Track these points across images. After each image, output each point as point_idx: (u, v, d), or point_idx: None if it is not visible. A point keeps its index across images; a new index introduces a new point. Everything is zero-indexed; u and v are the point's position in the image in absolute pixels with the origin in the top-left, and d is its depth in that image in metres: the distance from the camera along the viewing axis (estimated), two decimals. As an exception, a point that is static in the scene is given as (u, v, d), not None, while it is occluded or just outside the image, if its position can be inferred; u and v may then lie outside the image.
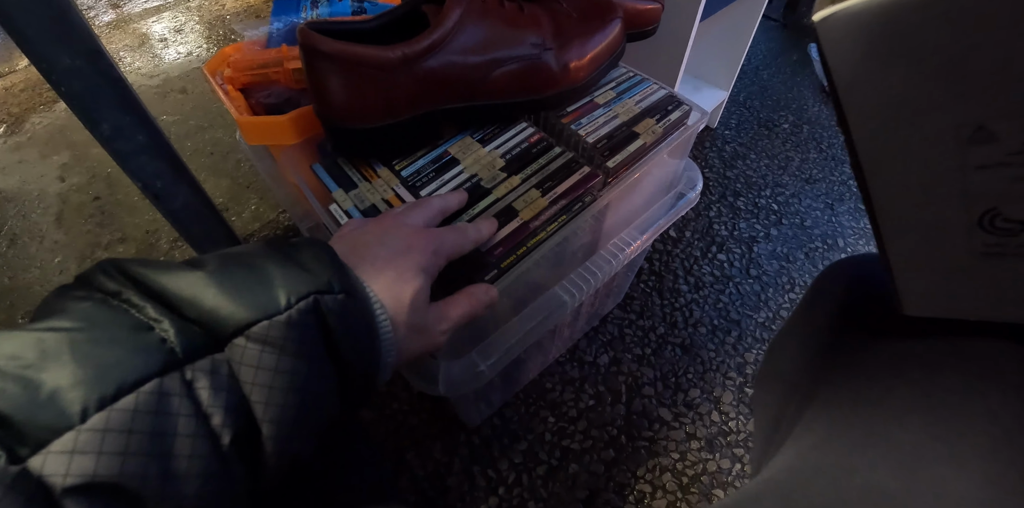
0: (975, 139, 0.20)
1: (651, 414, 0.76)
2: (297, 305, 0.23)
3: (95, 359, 0.18)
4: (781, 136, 1.18)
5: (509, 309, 0.46)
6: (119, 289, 0.21)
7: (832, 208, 1.03)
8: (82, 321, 0.20)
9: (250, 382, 0.21)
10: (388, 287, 0.28)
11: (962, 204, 0.22)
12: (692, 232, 0.99)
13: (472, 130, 0.46)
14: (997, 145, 0.20)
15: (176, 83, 1.44)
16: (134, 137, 0.49)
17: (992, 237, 0.23)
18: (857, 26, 0.19)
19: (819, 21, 0.20)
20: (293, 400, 0.22)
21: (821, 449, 0.28)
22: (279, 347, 0.22)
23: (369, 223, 0.33)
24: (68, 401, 0.17)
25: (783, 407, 0.36)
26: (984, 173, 0.21)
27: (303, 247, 0.27)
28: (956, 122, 0.20)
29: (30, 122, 1.37)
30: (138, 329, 0.20)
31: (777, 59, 1.40)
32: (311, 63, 0.38)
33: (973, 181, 0.21)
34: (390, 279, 0.29)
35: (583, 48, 0.45)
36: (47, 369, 0.18)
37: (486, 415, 0.75)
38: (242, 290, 0.22)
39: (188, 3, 1.83)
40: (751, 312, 0.87)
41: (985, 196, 0.22)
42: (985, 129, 0.20)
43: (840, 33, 0.20)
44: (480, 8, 0.40)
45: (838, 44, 0.20)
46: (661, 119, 0.47)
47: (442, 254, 0.33)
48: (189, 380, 0.20)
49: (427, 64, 0.39)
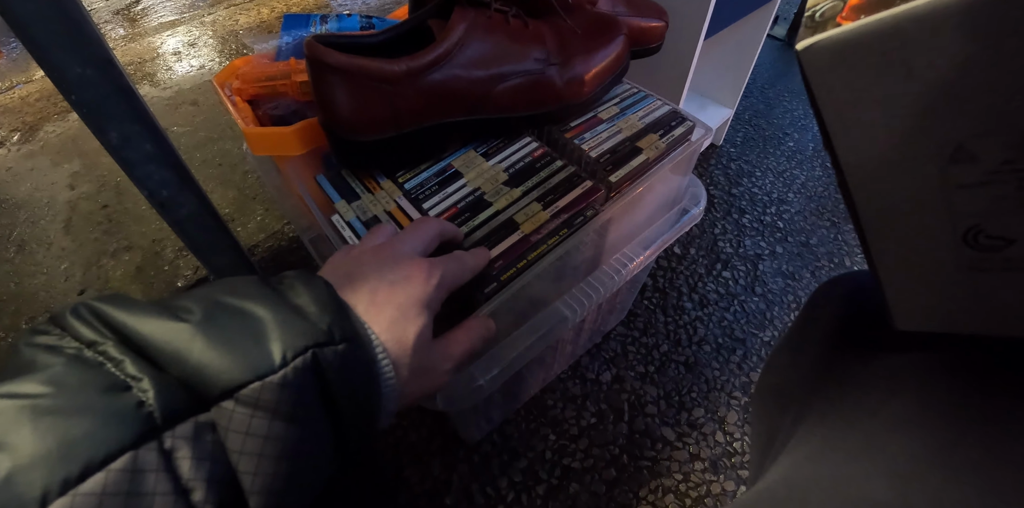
0: (955, 158, 0.21)
1: (654, 433, 0.74)
2: (293, 362, 0.21)
3: (60, 432, 0.16)
4: (786, 154, 1.18)
5: (510, 323, 0.46)
6: (95, 339, 0.19)
7: (838, 226, 1.02)
8: (49, 385, 0.17)
9: (238, 451, 0.19)
10: (390, 327, 0.26)
11: (947, 221, 0.23)
12: (697, 249, 0.98)
13: (476, 144, 0.46)
14: (977, 164, 0.21)
15: (188, 95, 1.47)
16: (142, 146, 0.49)
17: (977, 253, 0.23)
18: (838, 53, 0.20)
19: (802, 50, 0.21)
20: (285, 468, 0.20)
21: (816, 460, 0.27)
22: (271, 411, 0.20)
23: (365, 251, 0.31)
24: (26, 484, 0.15)
25: (779, 420, 0.36)
26: (966, 191, 0.22)
27: (299, 285, 0.24)
28: (938, 142, 0.21)
29: (43, 131, 1.39)
30: (112, 390, 0.18)
31: (782, 78, 1.40)
32: (317, 75, 0.38)
33: (956, 199, 0.22)
34: (391, 317, 0.27)
35: (587, 64, 0.45)
36: (4, 446, 0.15)
37: (486, 431, 0.74)
38: (232, 344, 0.20)
39: (203, 18, 1.87)
40: (756, 331, 0.86)
41: (968, 213, 0.22)
42: (964, 149, 0.20)
43: (822, 61, 0.21)
44: (485, 23, 0.41)
45: (821, 71, 0.21)
46: (664, 135, 0.47)
47: (444, 286, 0.31)
48: (168, 449, 0.18)
49: (431, 77, 0.39)
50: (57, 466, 0.16)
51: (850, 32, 0.20)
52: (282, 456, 0.20)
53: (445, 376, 0.31)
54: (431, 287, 0.29)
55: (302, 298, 0.24)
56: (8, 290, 1.00)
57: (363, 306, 0.26)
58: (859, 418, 0.28)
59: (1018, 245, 0.22)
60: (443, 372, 0.30)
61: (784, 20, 1.59)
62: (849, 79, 0.21)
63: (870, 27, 0.19)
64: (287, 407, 0.20)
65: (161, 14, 1.93)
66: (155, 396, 0.18)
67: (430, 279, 0.30)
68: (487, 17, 0.41)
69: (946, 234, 0.23)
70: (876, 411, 0.27)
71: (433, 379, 0.30)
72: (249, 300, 0.22)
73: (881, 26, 0.19)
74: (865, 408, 0.28)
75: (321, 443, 0.22)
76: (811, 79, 0.22)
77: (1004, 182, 0.21)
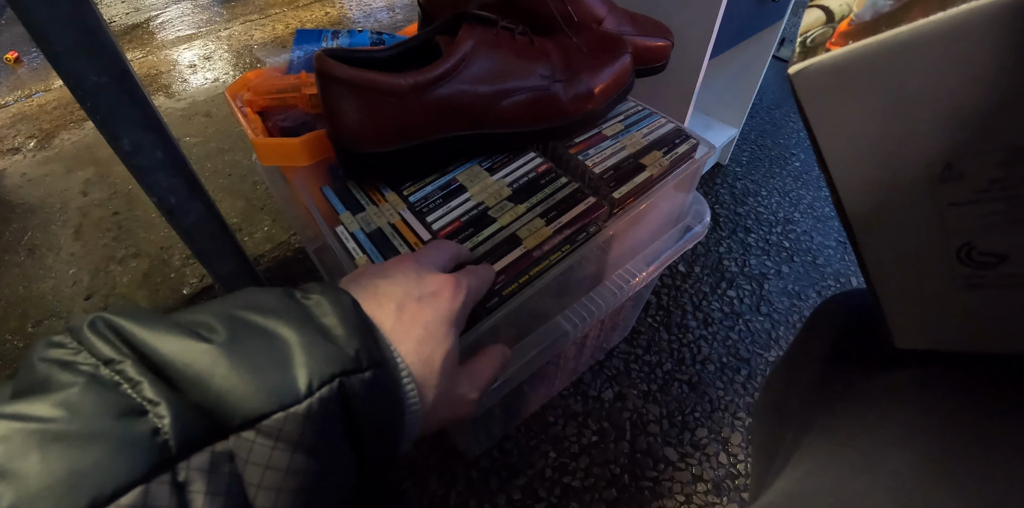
0: (944, 177, 0.21)
1: (656, 453, 0.73)
2: (319, 392, 0.20)
3: (69, 461, 0.15)
4: (792, 174, 1.18)
5: (511, 337, 0.46)
6: (113, 356, 0.18)
7: (845, 246, 1.01)
8: (62, 408, 0.16)
9: (256, 484, 0.18)
10: (417, 348, 0.25)
11: (941, 238, 0.23)
12: (702, 267, 0.98)
13: (481, 158, 0.47)
14: (965, 183, 0.21)
15: (201, 107, 1.50)
16: (153, 154, 0.50)
17: (971, 270, 0.23)
18: (828, 77, 0.21)
19: (794, 74, 0.21)
20: (303, 501, 0.19)
21: (819, 474, 0.27)
22: (293, 443, 0.19)
23: (388, 265, 0.30)
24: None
25: (780, 435, 0.36)
26: (957, 209, 0.22)
27: (325, 302, 0.23)
28: (927, 161, 0.21)
29: (59, 138, 1.42)
30: (128, 415, 0.17)
31: (789, 99, 1.41)
32: (326, 87, 0.39)
33: (948, 216, 0.22)
34: (418, 338, 0.26)
35: (592, 81, 0.45)
36: (7, 477, 0.14)
37: (486, 447, 0.73)
38: (256, 370, 0.19)
39: (219, 32, 1.91)
40: (761, 350, 0.85)
41: (960, 231, 0.23)
42: (953, 168, 0.21)
43: (813, 84, 0.22)
44: (492, 40, 0.41)
45: (812, 94, 0.22)
46: (668, 152, 0.47)
47: (469, 303, 0.30)
48: (182, 482, 0.17)
49: (438, 92, 0.40)
50: (64, 500, 0.15)
51: (838, 57, 0.20)
52: (302, 490, 0.19)
53: (471, 405, 0.29)
54: (459, 303, 0.28)
55: (328, 317, 0.23)
56: (16, 293, 1.01)
57: (389, 324, 0.25)
58: (861, 432, 0.28)
59: (1011, 262, 0.22)
60: (469, 401, 0.29)
61: (790, 42, 1.61)
62: (839, 101, 0.21)
63: (857, 52, 0.20)
64: (310, 439, 0.19)
65: (179, 28, 1.97)
66: (172, 423, 0.17)
67: (457, 295, 0.29)
68: (494, 34, 0.42)
69: (940, 251, 0.24)
70: (878, 425, 0.27)
71: (458, 407, 0.28)
72: (274, 318, 0.21)
73: (867, 51, 0.20)
74: (867, 422, 0.28)
75: (343, 475, 0.21)
76: (803, 101, 0.22)
77: (993, 200, 0.21)
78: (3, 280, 1.04)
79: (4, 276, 1.05)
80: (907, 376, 0.29)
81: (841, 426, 0.29)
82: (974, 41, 0.18)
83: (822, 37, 0.22)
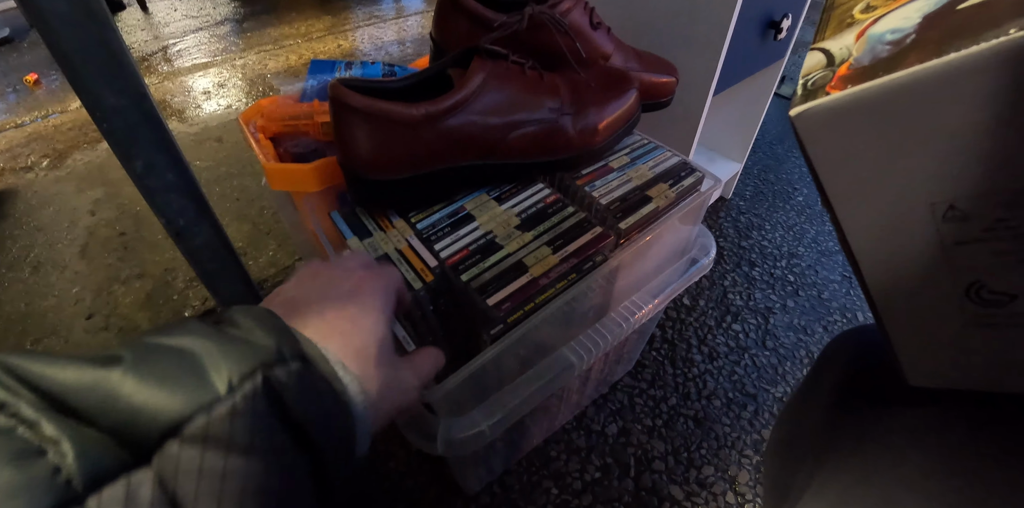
0: (949, 218, 0.21)
1: (661, 491, 0.71)
2: (241, 388, 0.18)
3: None
4: (796, 208, 1.18)
5: (515, 368, 0.45)
6: (6, 400, 0.16)
7: (850, 281, 1.01)
8: None
9: (192, 495, 0.17)
10: (346, 342, 0.25)
11: (949, 277, 0.23)
12: (707, 301, 0.97)
13: (489, 188, 0.47)
14: (970, 223, 0.21)
15: (213, 132, 1.52)
16: (164, 175, 0.51)
17: (982, 308, 0.23)
18: (828, 119, 0.21)
19: (795, 116, 0.22)
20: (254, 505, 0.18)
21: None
22: (225, 445, 0.18)
23: (303, 279, 0.29)
24: None
25: (792, 475, 0.35)
26: (964, 248, 0.22)
27: (238, 316, 0.22)
28: (930, 202, 0.21)
29: (72, 158, 1.44)
30: (22, 458, 0.15)
31: (790, 135, 1.43)
32: (339, 116, 0.40)
33: (956, 255, 0.22)
34: (346, 332, 0.25)
35: (599, 115, 0.46)
36: None
37: (486, 481, 0.71)
38: (168, 381, 0.18)
39: (234, 61, 1.97)
40: (768, 386, 0.83)
41: (969, 269, 0.22)
42: (956, 208, 0.21)
43: (814, 125, 0.22)
44: (503, 73, 0.42)
45: (813, 135, 0.22)
46: (674, 184, 0.47)
47: (391, 288, 0.29)
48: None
49: (449, 122, 0.41)
50: None
51: (838, 100, 0.21)
52: (247, 493, 0.18)
53: (415, 392, 0.29)
54: (380, 291, 0.28)
55: (241, 327, 0.21)
56: (17, 310, 1.01)
57: (312, 327, 0.25)
58: (876, 473, 0.27)
59: (1022, 301, 0.22)
60: (413, 387, 0.28)
61: (791, 80, 1.65)
62: (840, 143, 0.22)
63: (855, 96, 0.20)
64: (243, 438, 0.18)
65: (195, 56, 2.03)
66: (75, 458, 0.16)
67: (376, 284, 0.28)
68: (504, 68, 0.43)
69: (950, 290, 0.23)
70: (893, 466, 0.27)
71: (404, 393, 0.28)
72: (185, 336, 0.20)
73: (865, 95, 0.20)
74: (882, 463, 0.27)
75: (295, 475, 0.20)
76: (805, 142, 0.23)
77: (999, 239, 0.21)
78: (5, 296, 1.04)
79: (7, 292, 1.05)
80: (923, 416, 0.28)
81: (855, 467, 0.29)
82: (970, 87, 0.18)
83: (822, 80, 0.23)
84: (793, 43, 0.93)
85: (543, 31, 0.50)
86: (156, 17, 2.53)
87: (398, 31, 2.24)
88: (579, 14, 0.52)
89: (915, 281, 0.24)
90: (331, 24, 2.32)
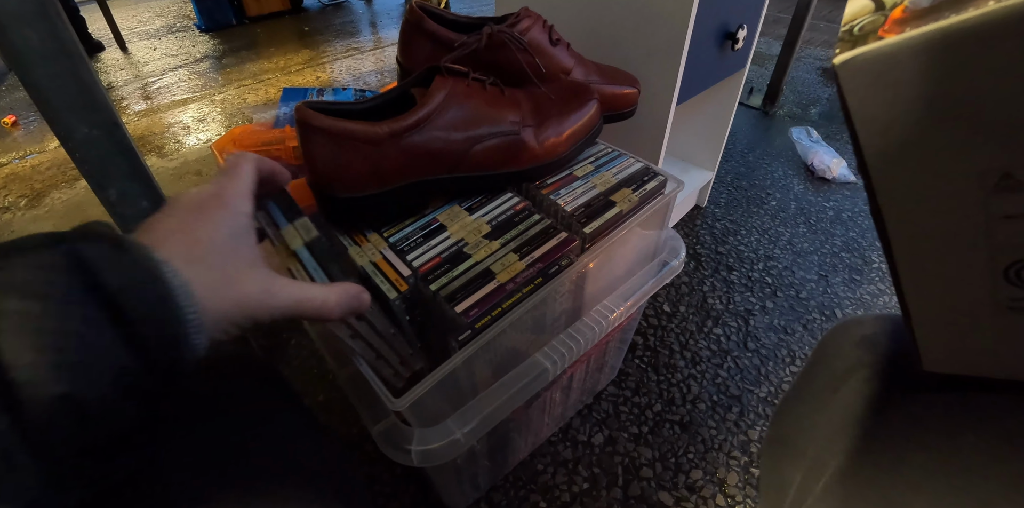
0: (1001, 187, 0.19)
1: (650, 498, 0.71)
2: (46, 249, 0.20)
3: None
4: (770, 212, 1.21)
5: (489, 375, 0.46)
6: None
7: (827, 279, 1.03)
8: None
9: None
10: (175, 230, 0.25)
11: (987, 255, 0.21)
12: (687, 307, 0.98)
13: (461, 199, 0.48)
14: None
15: (192, 166, 1.54)
16: (138, 203, 0.52)
17: (1019, 291, 0.21)
18: (878, 69, 0.19)
19: (839, 64, 0.19)
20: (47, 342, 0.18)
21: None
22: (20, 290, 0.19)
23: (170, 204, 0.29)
24: None
25: (790, 472, 0.35)
26: (1011, 223, 0.19)
27: None
28: (980, 169, 0.19)
29: (50, 197, 1.44)
30: None
31: (761, 143, 1.48)
32: (305, 136, 0.41)
33: (999, 232, 0.20)
34: (171, 228, 0.26)
35: (560, 126, 0.48)
36: None
37: (472, 499, 0.70)
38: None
39: (213, 97, 1.99)
40: (752, 387, 0.84)
41: (1012, 247, 0.20)
42: (1012, 177, 0.18)
43: (861, 76, 0.19)
44: (464, 90, 0.44)
45: (858, 87, 0.20)
46: (637, 188, 0.49)
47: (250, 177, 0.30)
48: None
49: (413, 138, 0.42)
50: None
51: (892, 46, 0.18)
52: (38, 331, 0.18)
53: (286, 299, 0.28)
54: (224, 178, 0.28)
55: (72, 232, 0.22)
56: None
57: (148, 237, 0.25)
58: (880, 475, 0.27)
59: None
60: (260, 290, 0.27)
61: (758, 91, 1.70)
62: (888, 97, 0.19)
63: (915, 41, 0.18)
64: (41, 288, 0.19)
65: (175, 93, 2.06)
66: None
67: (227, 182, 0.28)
68: (465, 85, 0.45)
69: (985, 270, 0.21)
70: (898, 467, 0.26)
71: (244, 288, 0.26)
72: None
73: (927, 40, 0.17)
74: (886, 464, 0.27)
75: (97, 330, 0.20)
76: (847, 94, 0.20)
77: None
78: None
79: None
80: (926, 412, 0.28)
81: (858, 468, 0.28)
82: None
83: (872, 25, 0.21)
84: (751, 54, 0.97)
85: (504, 49, 0.52)
86: (135, 56, 2.57)
87: (376, 61, 2.29)
88: (538, 32, 0.54)
89: (951, 258, 0.22)
90: (310, 57, 2.37)
